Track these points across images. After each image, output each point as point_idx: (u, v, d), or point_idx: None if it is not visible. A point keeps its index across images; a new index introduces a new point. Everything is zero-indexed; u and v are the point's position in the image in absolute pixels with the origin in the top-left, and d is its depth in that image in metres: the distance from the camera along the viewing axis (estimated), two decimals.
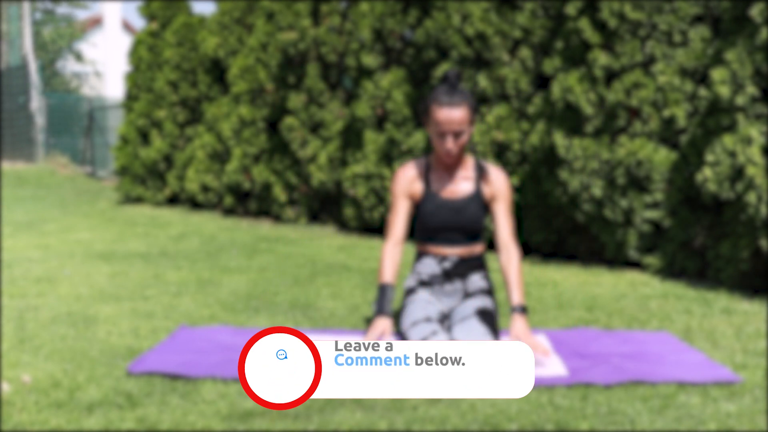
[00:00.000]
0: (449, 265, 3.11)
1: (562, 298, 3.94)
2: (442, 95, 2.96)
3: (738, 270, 4.17)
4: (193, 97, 8.77)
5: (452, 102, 2.94)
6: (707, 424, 2.19)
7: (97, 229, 6.84)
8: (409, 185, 3.11)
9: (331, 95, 7.06)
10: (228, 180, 7.83)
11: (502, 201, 3.09)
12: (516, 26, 5.38)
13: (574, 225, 5.25)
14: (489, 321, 2.94)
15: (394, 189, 3.12)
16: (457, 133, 2.96)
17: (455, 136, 2.96)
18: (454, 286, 3.11)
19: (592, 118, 4.80)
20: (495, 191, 3.08)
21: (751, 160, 4.00)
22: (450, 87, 2.98)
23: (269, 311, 3.61)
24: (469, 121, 2.98)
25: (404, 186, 3.11)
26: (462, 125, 2.95)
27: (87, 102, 15.89)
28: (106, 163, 13.74)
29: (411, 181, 3.11)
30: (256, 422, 2.19)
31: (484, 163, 3.15)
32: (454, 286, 3.11)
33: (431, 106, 2.95)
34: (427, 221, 3.09)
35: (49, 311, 3.52)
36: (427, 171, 3.11)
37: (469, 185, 3.09)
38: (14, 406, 2.29)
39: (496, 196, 3.08)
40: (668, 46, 4.71)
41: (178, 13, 9.23)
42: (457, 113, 2.94)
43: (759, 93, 4.09)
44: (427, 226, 3.10)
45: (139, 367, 2.64)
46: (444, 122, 2.94)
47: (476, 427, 2.17)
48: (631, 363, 2.78)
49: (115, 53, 21.87)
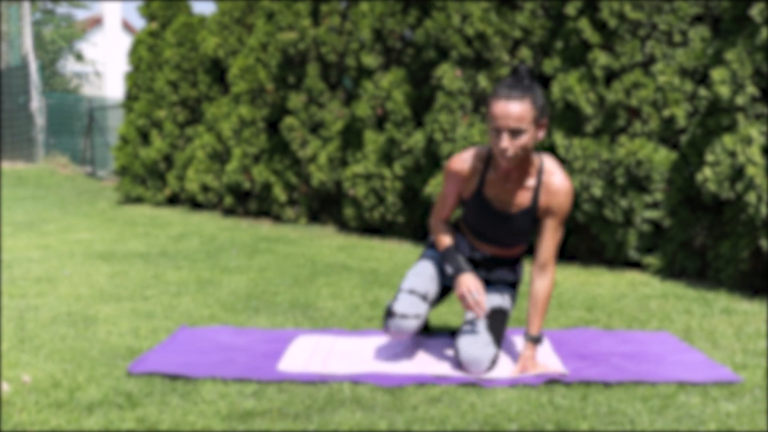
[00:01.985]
0: (479, 257, 2.93)
1: (562, 298, 3.94)
2: (502, 87, 2.61)
3: (738, 270, 4.17)
4: (193, 97, 8.77)
5: (511, 95, 2.58)
6: (707, 424, 2.19)
7: (97, 229, 6.84)
8: (462, 182, 2.80)
9: (331, 95, 7.06)
10: (228, 180, 7.82)
11: (556, 217, 2.74)
12: (516, 26, 5.38)
13: (574, 225, 5.25)
14: (497, 325, 2.82)
15: (447, 180, 2.83)
16: (514, 131, 2.57)
17: (512, 135, 2.58)
18: (477, 272, 2.94)
19: (592, 118, 4.80)
20: (552, 206, 2.73)
21: (751, 160, 4.00)
22: (515, 80, 2.63)
23: (269, 311, 3.61)
24: (532, 119, 2.59)
25: (457, 181, 2.80)
26: (521, 122, 2.57)
27: (87, 102, 15.88)
28: (106, 163, 13.73)
29: (465, 179, 2.79)
30: (256, 422, 2.19)
31: (551, 167, 2.74)
32: (477, 272, 2.94)
33: (490, 99, 2.63)
34: (471, 219, 2.86)
35: (49, 311, 3.52)
36: (486, 168, 2.75)
37: (527, 198, 2.74)
38: (14, 406, 2.29)
39: (551, 211, 2.73)
40: (668, 46, 4.71)
41: (178, 13, 9.23)
42: (516, 108, 2.56)
43: (759, 93, 4.10)
44: (469, 220, 2.87)
45: (139, 367, 2.64)
46: (499, 116, 2.58)
47: (476, 427, 2.17)
48: (631, 363, 2.78)
49: (115, 53, 21.88)
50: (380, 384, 2.52)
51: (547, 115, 2.66)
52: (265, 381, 2.55)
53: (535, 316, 2.75)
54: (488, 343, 2.74)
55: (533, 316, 2.75)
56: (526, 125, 2.58)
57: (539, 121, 2.62)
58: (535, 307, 2.75)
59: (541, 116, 2.62)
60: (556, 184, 2.71)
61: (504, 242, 2.88)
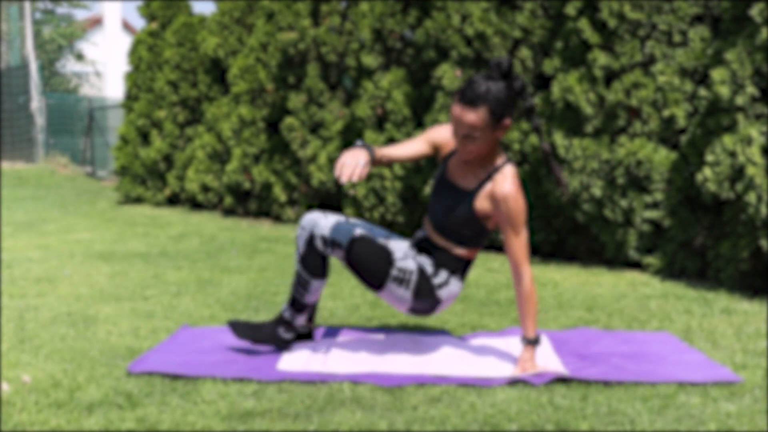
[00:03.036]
0: (420, 235, 2.88)
1: (562, 298, 3.94)
2: (464, 89, 2.60)
3: (738, 270, 4.17)
4: (193, 97, 8.77)
5: (466, 102, 2.58)
6: (707, 424, 2.19)
7: (97, 229, 6.84)
8: (436, 140, 2.83)
9: (331, 95, 7.06)
10: (228, 180, 7.83)
11: (508, 225, 2.67)
12: (516, 26, 5.38)
13: (574, 225, 5.25)
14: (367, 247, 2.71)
15: (426, 132, 2.86)
16: (467, 136, 2.62)
17: (465, 139, 2.63)
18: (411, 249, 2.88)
19: (591, 118, 4.80)
20: (493, 201, 2.69)
21: (751, 160, 4.00)
22: (478, 84, 2.59)
23: (269, 311, 3.61)
24: (485, 127, 2.59)
25: (432, 136, 2.84)
26: (473, 130, 2.59)
27: (87, 102, 15.89)
28: (106, 163, 13.74)
29: (440, 143, 2.83)
30: (256, 422, 2.19)
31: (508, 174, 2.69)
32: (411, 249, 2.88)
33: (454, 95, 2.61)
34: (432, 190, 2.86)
35: (49, 311, 3.52)
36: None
37: (473, 182, 2.74)
38: (14, 406, 2.29)
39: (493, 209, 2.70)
40: (668, 46, 4.71)
41: (178, 13, 9.23)
42: (469, 116, 2.58)
43: (759, 93, 4.10)
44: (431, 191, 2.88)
45: (139, 367, 2.64)
46: (454, 121, 2.62)
47: (476, 427, 2.17)
48: (631, 363, 2.78)
49: (115, 53, 21.89)
50: (380, 384, 2.52)
51: (510, 114, 2.63)
52: (265, 381, 2.55)
53: (524, 319, 2.72)
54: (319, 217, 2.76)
55: (522, 319, 2.73)
56: (479, 133, 2.60)
57: (497, 124, 2.62)
58: (521, 309, 2.73)
59: (499, 120, 2.61)
60: (501, 191, 2.66)
61: (438, 219, 2.79)
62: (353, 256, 2.72)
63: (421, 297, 2.78)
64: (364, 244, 2.72)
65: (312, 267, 2.80)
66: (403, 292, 2.77)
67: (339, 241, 2.73)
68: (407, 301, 2.79)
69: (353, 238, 2.73)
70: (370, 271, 2.73)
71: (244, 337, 2.87)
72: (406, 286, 2.76)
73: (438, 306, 2.84)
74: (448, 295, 2.83)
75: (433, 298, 2.80)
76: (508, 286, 4.27)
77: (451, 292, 2.83)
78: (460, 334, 3.26)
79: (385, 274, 2.73)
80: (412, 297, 2.78)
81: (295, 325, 2.89)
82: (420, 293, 2.78)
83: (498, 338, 3.13)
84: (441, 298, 2.82)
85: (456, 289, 2.84)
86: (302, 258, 2.81)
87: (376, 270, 2.73)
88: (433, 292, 2.79)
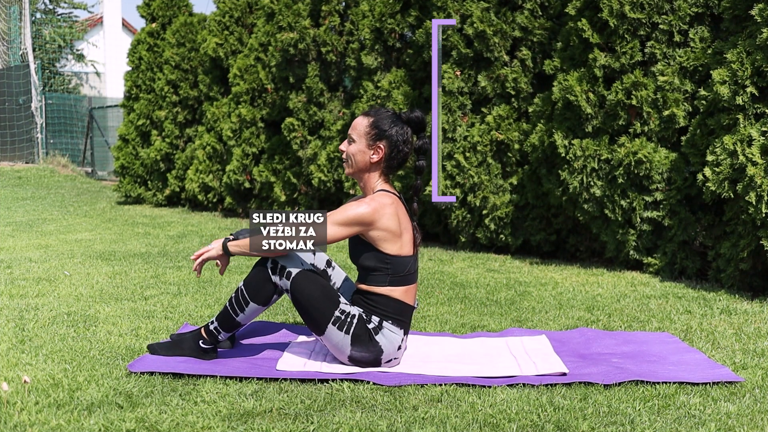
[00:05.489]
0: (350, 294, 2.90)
1: (562, 298, 3.94)
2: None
3: (738, 270, 4.17)
4: (193, 97, 8.78)
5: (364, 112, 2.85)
6: (707, 424, 2.19)
7: (97, 229, 6.84)
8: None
9: (331, 95, 7.06)
10: (228, 180, 7.83)
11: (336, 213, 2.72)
12: (516, 26, 5.38)
13: (574, 225, 5.25)
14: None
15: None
16: (349, 138, 2.80)
17: (348, 141, 2.81)
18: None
19: (592, 118, 4.80)
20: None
21: (751, 160, 4.00)
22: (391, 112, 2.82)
23: (269, 311, 3.61)
24: (363, 134, 2.75)
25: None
26: (352, 131, 2.79)
27: (87, 102, 15.89)
28: (106, 163, 13.75)
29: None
30: (256, 422, 2.19)
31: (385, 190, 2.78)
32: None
33: None
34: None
35: (49, 311, 3.52)
36: None
37: None
38: (14, 406, 2.29)
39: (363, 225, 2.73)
40: (668, 46, 4.71)
41: (178, 13, 9.23)
42: (357, 119, 2.82)
43: (759, 93, 4.10)
44: None
45: (139, 367, 2.64)
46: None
47: (476, 427, 2.17)
48: (631, 363, 2.78)
49: (115, 53, 21.87)
50: (380, 384, 2.52)
51: (384, 145, 2.73)
52: (265, 381, 2.55)
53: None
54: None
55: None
56: (356, 136, 2.76)
57: (372, 142, 2.74)
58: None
59: (375, 139, 2.73)
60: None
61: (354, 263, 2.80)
62: (297, 286, 2.66)
63: (358, 343, 2.69)
64: (312, 279, 2.68)
65: (255, 289, 2.72)
66: (342, 338, 2.68)
67: (289, 271, 2.68)
68: (346, 347, 2.69)
69: (303, 270, 2.68)
70: (314, 308, 2.66)
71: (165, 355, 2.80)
72: (346, 330, 2.68)
73: (381, 356, 2.71)
74: (388, 344, 2.71)
75: (372, 344, 2.70)
76: (508, 286, 4.27)
77: (391, 340, 2.71)
78: (460, 334, 3.26)
79: (328, 314, 2.67)
80: (350, 342, 2.68)
81: (219, 340, 2.81)
82: (358, 339, 2.69)
83: (498, 338, 3.13)
84: (381, 347, 2.70)
85: (395, 338, 2.72)
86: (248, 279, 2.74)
87: (320, 307, 2.66)
88: (372, 338, 2.69)
